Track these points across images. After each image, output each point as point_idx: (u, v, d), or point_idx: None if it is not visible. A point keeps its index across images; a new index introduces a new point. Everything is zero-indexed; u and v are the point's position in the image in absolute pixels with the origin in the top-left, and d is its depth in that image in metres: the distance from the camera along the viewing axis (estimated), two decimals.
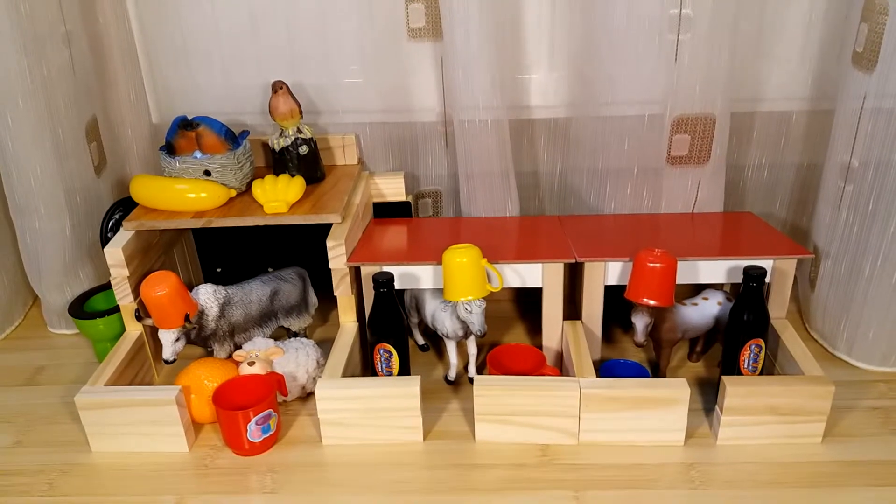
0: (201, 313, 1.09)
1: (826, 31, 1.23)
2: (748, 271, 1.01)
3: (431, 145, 1.36)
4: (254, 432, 0.98)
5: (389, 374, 1.09)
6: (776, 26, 1.24)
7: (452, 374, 1.15)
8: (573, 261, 1.10)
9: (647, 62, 1.18)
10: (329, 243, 1.09)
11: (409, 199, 1.34)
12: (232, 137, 1.18)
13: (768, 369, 1.11)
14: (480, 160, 1.27)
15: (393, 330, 1.07)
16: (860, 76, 1.04)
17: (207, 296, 1.10)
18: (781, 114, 1.30)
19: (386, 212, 1.33)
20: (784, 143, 1.33)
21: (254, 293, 1.16)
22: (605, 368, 1.10)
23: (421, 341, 1.25)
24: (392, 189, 1.32)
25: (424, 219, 1.38)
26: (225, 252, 1.37)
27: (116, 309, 1.17)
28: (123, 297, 1.12)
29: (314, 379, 1.10)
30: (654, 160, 1.25)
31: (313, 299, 1.26)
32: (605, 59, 1.21)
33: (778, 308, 1.12)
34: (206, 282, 1.13)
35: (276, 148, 1.22)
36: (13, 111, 1.10)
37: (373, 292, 1.09)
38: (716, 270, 1.11)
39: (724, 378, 0.97)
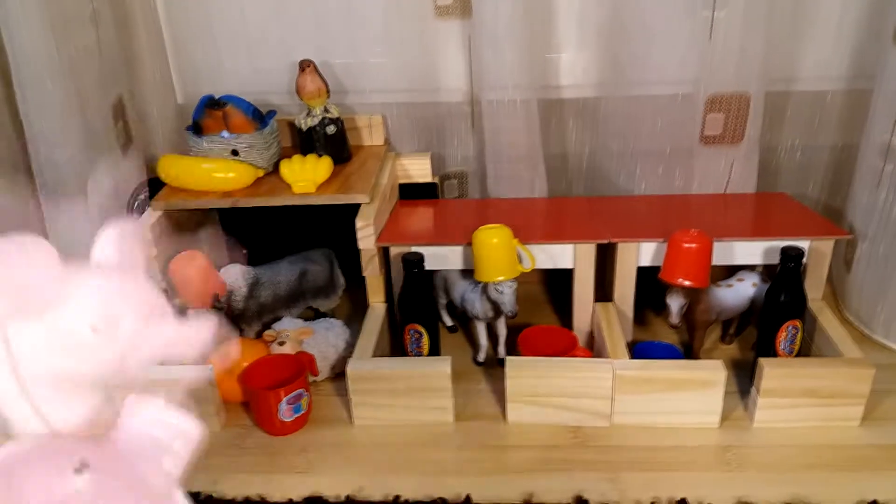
0: (230, 294, 1.09)
1: (864, 8, 1.20)
2: (786, 251, 0.99)
3: (458, 126, 1.34)
4: (285, 412, 0.98)
5: (419, 354, 1.08)
6: (813, 3, 1.21)
7: (482, 356, 1.14)
8: (606, 241, 1.09)
9: (680, 40, 1.16)
10: (358, 223, 1.09)
11: (436, 180, 1.33)
12: (259, 117, 1.18)
13: (804, 352, 1.09)
14: (508, 141, 1.25)
15: (423, 310, 1.06)
16: None
17: (236, 276, 1.10)
18: (816, 93, 1.28)
19: (411, 193, 1.32)
20: (818, 123, 1.30)
21: (282, 274, 1.15)
22: (637, 350, 1.09)
23: (449, 322, 1.24)
24: (419, 170, 1.31)
25: (451, 200, 1.37)
26: (251, 233, 1.37)
27: None
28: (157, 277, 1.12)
29: (344, 359, 1.09)
30: (687, 140, 1.23)
31: (341, 280, 1.25)
32: (636, 38, 1.19)
33: (815, 289, 1.10)
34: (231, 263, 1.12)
35: (303, 128, 1.21)
36: (41, 91, 1.09)
37: (401, 273, 1.08)
38: (752, 251, 1.09)
39: (762, 360, 0.95)
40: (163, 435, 0.54)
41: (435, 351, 1.10)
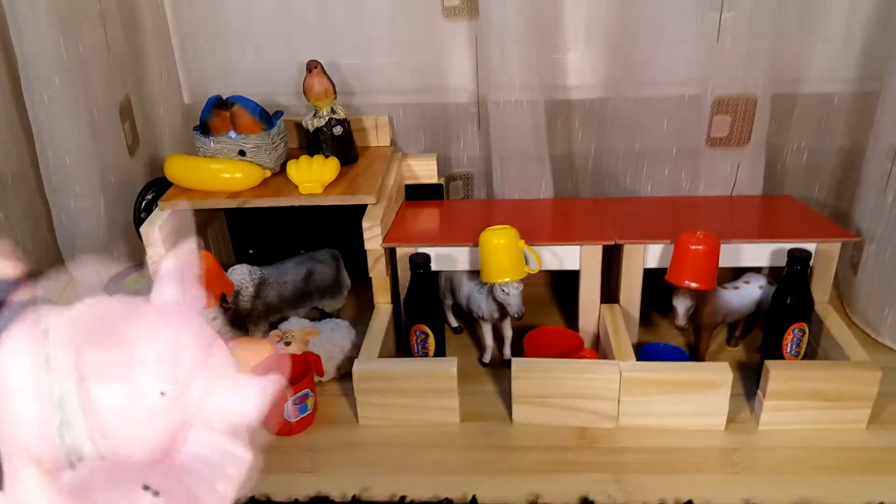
0: (237, 293, 1.09)
1: (872, 10, 1.20)
2: (793, 254, 0.99)
3: (464, 127, 1.34)
4: (291, 412, 0.98)
5: (425, 355, 1.08)
6: (820, 5, 1.21)
7: (487, 357, 1.14)
8: (612, 243, 1.09)
9: (687, 41, 1.16)
10: (365, 224, 1.09)
11: (442, 181, 1.33)
12: (266, 117, 1.18)
13: (810, 354, 1.09)
14: (515, 141, 1.26)
15: (430, 311, 1.06)
16: None
17: (243, 276, 1.10)
18: (823, 95, 1.28)
19: (417, 194, 1.32)
20: (825, 125, 1.30)
21: (288, 274, 1.15)
22: (643, 352, 1.09)
23: (454, 324, 1.25)
24: (425, 171, 1.31)
25: (457, 201, 1.37)
26: (257, 233, 1.37)
27: None
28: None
29: (350, 359, 1.09)
30: (694, 141, 1.23)
31: (346, 280, 1.25)
32: (643, 39, 1.19)
33: (821, 292, 1.10)
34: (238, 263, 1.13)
35: (310, 128, 1.22)
36: (49, 89, 1.10)
37: (407, 274, 1.08)
38: (759, 253, 1.09)
39: (768, 362, 0.95)
40: (217, 460, 0.56)
41: (441, 352, 1.10)
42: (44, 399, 0.51)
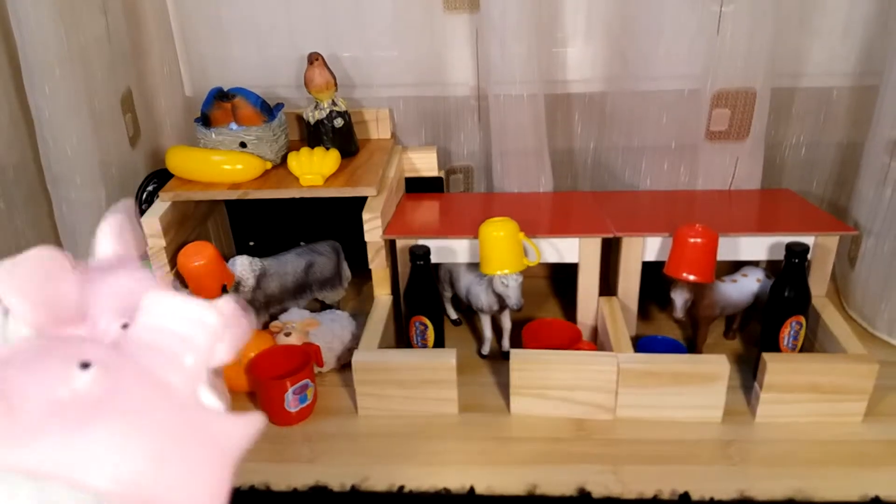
0: (238, 284, 1.09)
1: (872, 4, 1.20)
2: (791, 247, 1.00)
3: (464, 120, 1.34)
4: (291, 402, 0.99)
5: (424, 346, 1.09)
6: None
7: (486, 349, 1.15)
8: (611, 235, 1.09)
9: (687, 35, 1.17)
10: (365, 216, 1.09)
11: (441, 174, 1.33)
12: (267, 109, 1.18)
13: (807, 347, 1.09)
14: (515, 135, 1.26)
15: (429, 303, 1.07)
16: None
17: (244, 267, 1.10)
18: (822, 90, 1.28)
19: (417, 187, 1.32)
20: (824, 119, 1.30)
21: (289, 265, 1.16)
22: (641, 344, 1.09)
23: (454, 316, 1.25)
24: (425, 163, 1.31)
25: (457, 194, 1.38)
26: (257, 225, 1.37)
27: None
28: (160, 267, 1.12)
29: (349, 350, 1.10)
30: (693, 135, 1.23)
31: (347, 272, 1.25)
32: (643, 32, 1.20)
33: (818, 286, 1.10)
34: (239, 254, 1.13)
35: (311, 121, 1.22)
36: (50, 80, 1.10)
37: (407, 266, 1.09)
38: (757, 246, 1.09)
39: (765, 354, 0.96)
40: (180, 328, 0.49)
41: (440, 343, 1.10)
42: None
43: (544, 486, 0.89)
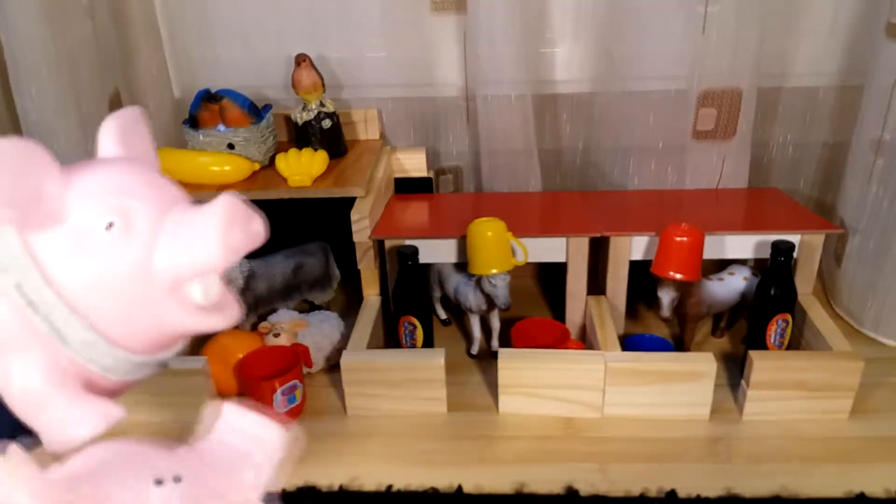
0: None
1: (857, 4, 1.21)
2: (777, 245, 1.00)
3: (453, 121, 1.35)
4: (280, 403, 0.99)
5: (413, 346, 1.09)
6: None
7: (475, 349, 1.15)
8: (599, 235, 1.10)
9: (673, 35, 1.17)
10: (353, 216, 1.09)
11: (430, 175, 1.34)
12: (255, 111, 1.18)
13: (794, 345, 1.10)
14: (503, 136, 1.26)
15: (418, 303, 1.07)
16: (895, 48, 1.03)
17: (232, 268, 1.10)
18: (808, 89, 1.29)
19: (406, 187, 1.32)
20: (810, 119, 1.31)
21: (277, 266, 1.16)
22: (629, 343, 1.10)
23: (443, 316, 1.25)
24: (414, 164, 1.31)
25: (446, 194, 1.38)
26: None
27: None
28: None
29: (338, 351, 1.10)
30: (680, 135, 1.24)
31: (336, 273, 1.26)
32: (630, 33, 1.20)
33: (805, 284, 1.11)
34: None
35: (299, 122, 1.22)
36: (37, 82, 1.10)
37: (396, 266, 1.09)
38: (743, 245, 1.10)
39: (751, 352, 0.96)
40: (244, 446, 0.52)
41: (429, 343, 1.11)
42: None
43: (532, 485, 0.89)
